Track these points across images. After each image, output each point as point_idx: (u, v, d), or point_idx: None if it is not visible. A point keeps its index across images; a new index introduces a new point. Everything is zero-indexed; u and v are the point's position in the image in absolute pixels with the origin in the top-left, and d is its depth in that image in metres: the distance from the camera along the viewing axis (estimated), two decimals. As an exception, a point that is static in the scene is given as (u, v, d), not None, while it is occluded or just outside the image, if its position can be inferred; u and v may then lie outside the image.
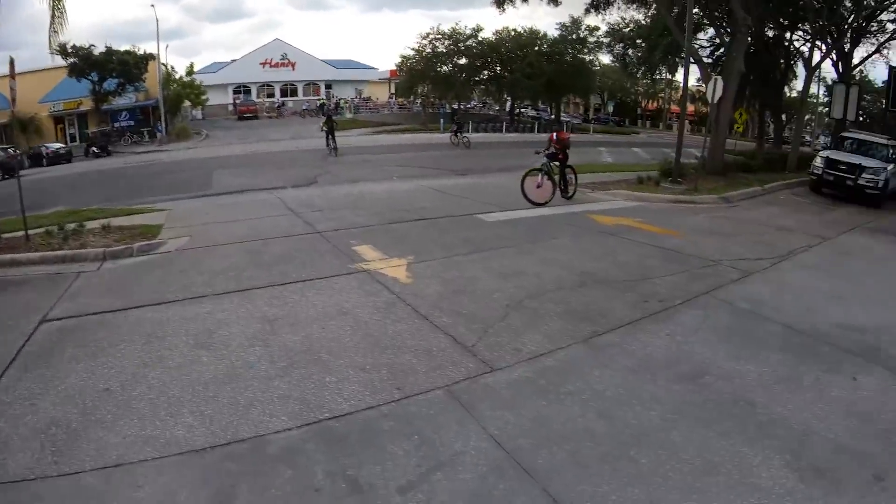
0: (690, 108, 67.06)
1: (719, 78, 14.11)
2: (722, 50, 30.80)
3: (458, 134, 26.63)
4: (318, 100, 54.63)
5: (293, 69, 56.32)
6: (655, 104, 72.75)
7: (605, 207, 10.80)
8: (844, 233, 10.18)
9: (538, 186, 10.24)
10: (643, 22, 27.70)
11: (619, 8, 23.26)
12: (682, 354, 4.41)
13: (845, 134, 17.52)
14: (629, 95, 69.73)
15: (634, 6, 24.08)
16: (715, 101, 14.22)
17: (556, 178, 10.79)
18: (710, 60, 29.96)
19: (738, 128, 28.06)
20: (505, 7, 21.76)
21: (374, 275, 5.79)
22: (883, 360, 4.55)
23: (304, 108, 51.71)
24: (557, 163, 10.82)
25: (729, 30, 21.33)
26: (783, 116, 40.95)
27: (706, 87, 14.72)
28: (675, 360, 4.30)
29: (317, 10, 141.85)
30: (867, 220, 11.88)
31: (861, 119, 50.98)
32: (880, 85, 38.46)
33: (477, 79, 44.97)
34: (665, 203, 11.80)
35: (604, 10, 23.18)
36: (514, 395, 3.60)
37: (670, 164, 14.22)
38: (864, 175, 13.71)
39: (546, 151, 10.81)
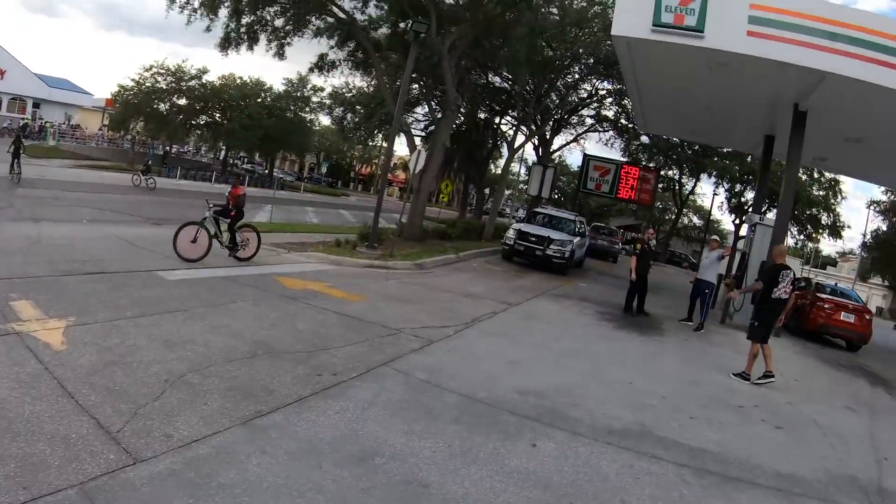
0: (401, 175, 76.10)
1: (422, 150, 16.25)
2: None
3: (143, 175, 27.71)
4: (23, 119, 52.03)
5: (1, 78, 55.15)
6: (369, 169, 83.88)
7: (297, 270, 11.37)
8: (530, 299, 12.41)
9: (192, 241, 10.28)
10: (365, 89, 31.83)
11: (342, 72, 25.94)
12: (352, 434, 4.53)
13: (537, 209, 21.75)
14: (345, 158, 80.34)
15: (359, 73, 27.32)
16: (417, 172, 16.18)
17: (225, 236, 11.03)
18: (422, 134, 35.79)
19: (443, 197, 32.19)
20: (228, 52, 22.29)
21: (24, 338, 5.54)
22: (561, 422, 5.42)
23: (4, 125, 48.53)
24: (229, 219, 11.07)
25: (440, 107, 25.16)
26: (487, 190, 49.90)
27: (411, 157, 16.77)
28: (344, 440, 4.40)
29: (49, 16, 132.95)
30: (553, 287, 14.78)
31: (556, 197, 64.79)
32: (575, 169, 49.87)
33: (194, 122, 47.75)
34: (359, 268, 12.83)
35: (328, 72, 25.76)
36: (156, 494, 3.51)
37: (369, 228, 15.46)
38: (551, 246, 17.25)
39: (214, 206, 10.99)
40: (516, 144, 30.34)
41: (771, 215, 15.70)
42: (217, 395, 4.83)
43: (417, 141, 27.17)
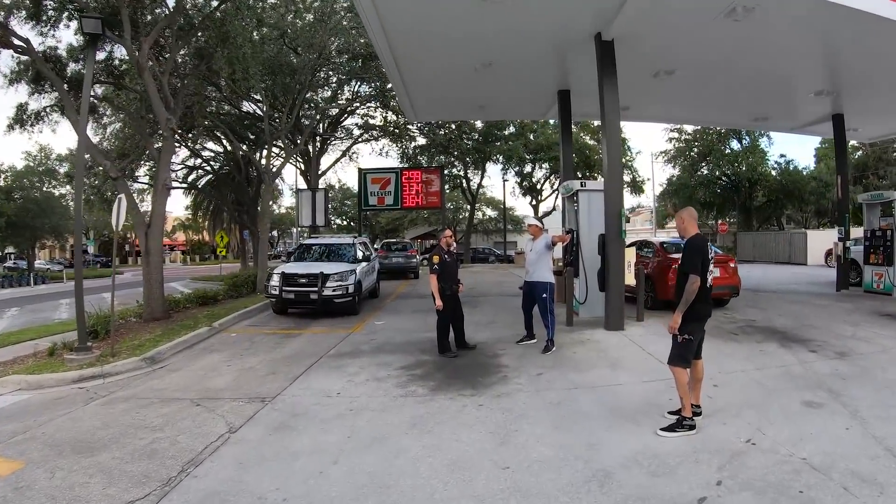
0: (182, 237, 71.95)
1: (122, 197, 11.40)
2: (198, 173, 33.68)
3: None
4: None
5: None
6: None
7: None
8: (300, 376, 8.29)
9: None
10: (105, 142, 26.24)
11: (47, 122, 19.62)
12: None
13: (307, 241, 17.57)
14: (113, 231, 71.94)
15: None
16: (120, 228, 11.14)
17: None
18: (184, 185, 32.80)
19: (221, 251, 28.01)
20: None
21: None
22: None
23: None
24: None
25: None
26: (273, 233, 45.86)
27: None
28: None
29: None
30: (338, 340, 10.80)
31: (347, 223, 61.37)
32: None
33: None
34: (63, 386, 8.51)
35: (32, 126, 19.38)
36: None
37: (95, 320, 11.48)
38: (328, 284, 13.41)
39: None
40: (275, 169, 26.28)
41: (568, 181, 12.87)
42: None
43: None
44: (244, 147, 29.49)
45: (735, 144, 42.40)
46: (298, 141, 26.21)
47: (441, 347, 9.16)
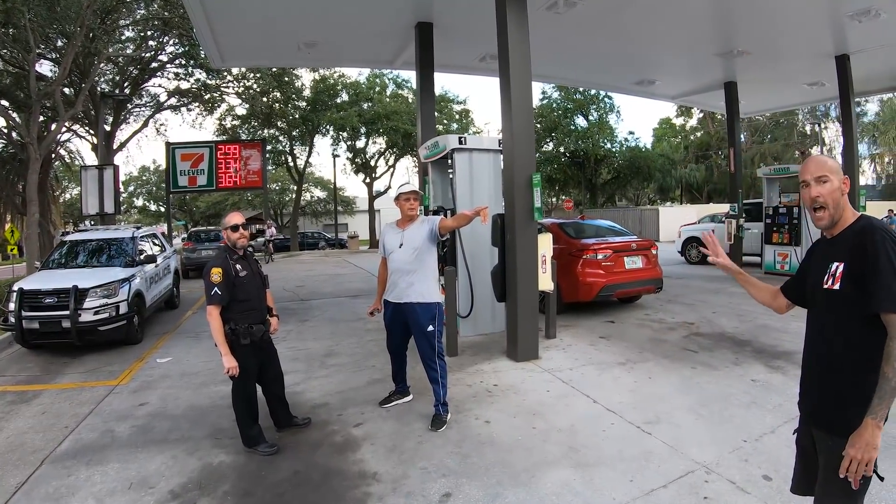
0: None
1: None
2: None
3: None
4: None
5: None
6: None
7: None
8: None
9: None
10: None
11: None
12: None
13: (68, 237, 11.69)
14: None
15: None
16: None
17: None
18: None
19: (11, 249, 23.23)
20: None
21: None
22: None
23: None
24: None
25: None
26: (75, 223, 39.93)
27: None
28: None
29: None
30: (79, 416, 6.08)
31: (159, 210, 54.64)
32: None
33: None
34: None
35: None
36: None
37: None
38: (87, 304, 8.83)
39: None
40: (46, 138, 21.12)
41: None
42: None
43: None
44: (11, 114, 23.84)
45: (581, 121, 41.52)
46: (77, 102, 21.01)
47: (247, 438, 4.92)
